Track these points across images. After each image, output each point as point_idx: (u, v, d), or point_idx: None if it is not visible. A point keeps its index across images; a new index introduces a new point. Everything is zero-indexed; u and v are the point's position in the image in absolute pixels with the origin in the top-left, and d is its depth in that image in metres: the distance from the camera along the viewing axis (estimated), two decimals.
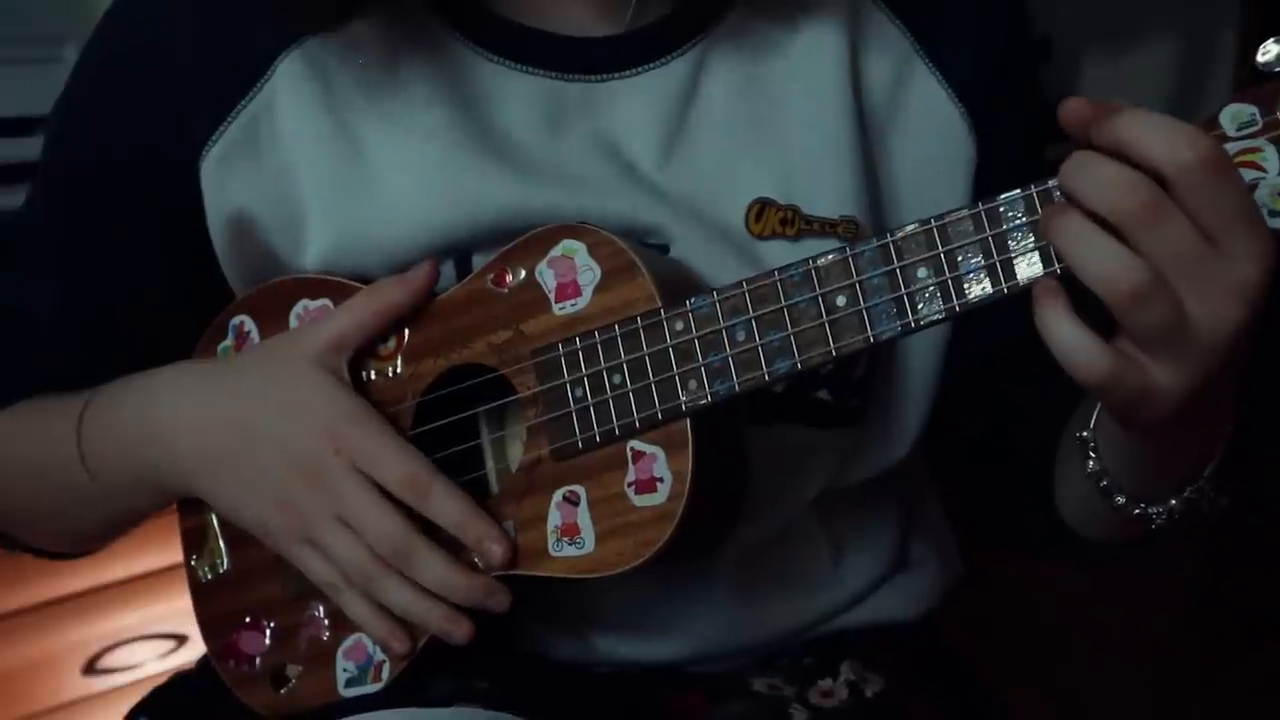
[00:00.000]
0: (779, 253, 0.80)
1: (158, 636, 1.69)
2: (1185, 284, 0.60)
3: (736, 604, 0.87)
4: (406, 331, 0.80)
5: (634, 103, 0.82)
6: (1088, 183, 0.61)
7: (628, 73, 0.82)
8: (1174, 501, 0.73)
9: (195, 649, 0.88)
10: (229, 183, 0.83)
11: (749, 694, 0.86)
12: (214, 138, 0.82)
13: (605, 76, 0.82)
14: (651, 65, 0.82)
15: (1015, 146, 0.86)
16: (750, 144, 0.82)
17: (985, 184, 0.85)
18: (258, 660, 0.84)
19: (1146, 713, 2.21)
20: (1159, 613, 2.52)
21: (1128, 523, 0.75)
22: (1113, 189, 0.60)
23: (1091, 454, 0.74)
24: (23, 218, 0.91)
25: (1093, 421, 0.74)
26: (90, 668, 1.65)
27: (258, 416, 0.79)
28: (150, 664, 1.68)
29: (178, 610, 0.89)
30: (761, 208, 0.81)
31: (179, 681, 0.93)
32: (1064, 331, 0.62)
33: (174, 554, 0.88)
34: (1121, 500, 0.74)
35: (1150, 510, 0.74)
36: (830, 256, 0.69)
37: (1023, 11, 0.89)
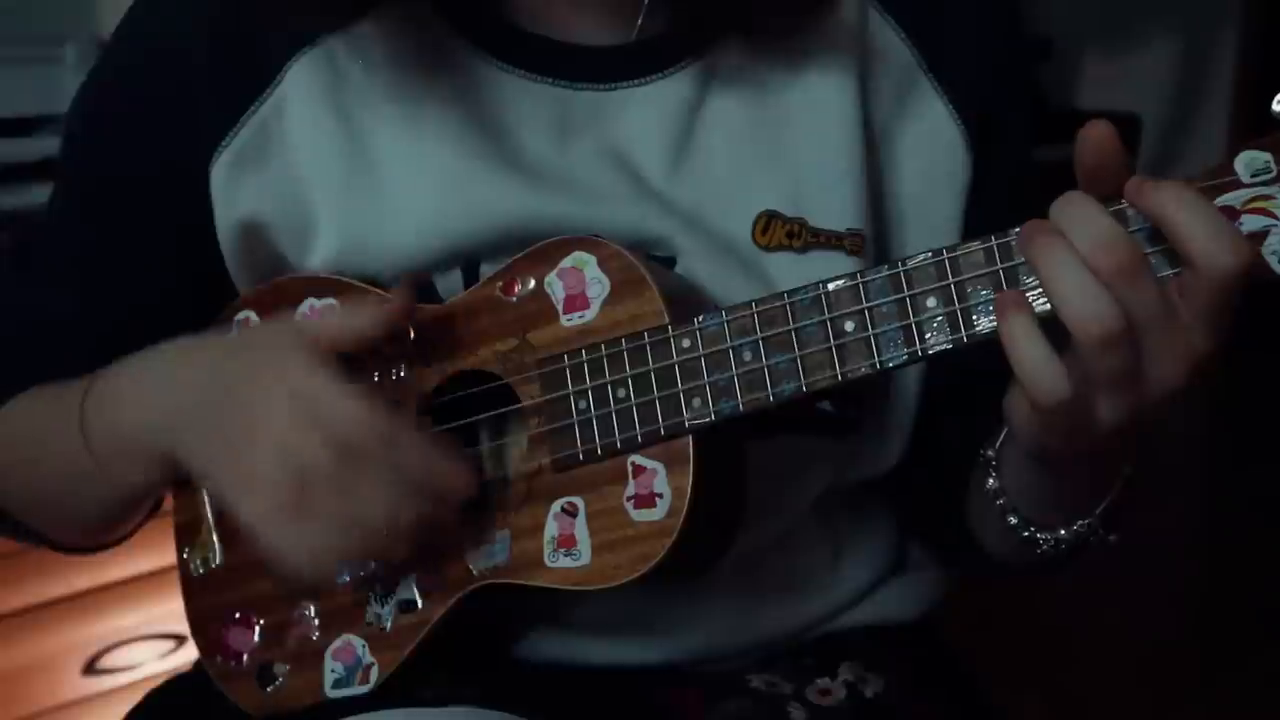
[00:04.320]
0: (786, 265, 0.80)
1: (158, 636, 1.69)
2: (1146, 341, 0.62)
3: (736, 607, 0.87)
4: (412, 335, 0.80)
5: (642, 112, 0.82)
6: (1077, 228, 0.62)
7: (636, 82, 0.82)
8: (1063, 531, 0.76)
9: (195, 649, 0.87)
10: (239, 187, 0.83)
11: (747, 691, 0.86)
12: (225, 142, 0.82)
13: (613, 85, 0.82)
14: (660, 75, 0.82)
15: (1009, 166, 0.86)
16: (758, 155, 0.82)
17: (977, 203, 0.85)
18: (245, 657, 0.84)
19: (1146, 714, 2.21)
20: (1159, 615, 2.53)
21: (1019, 545, 0.77)
22: (1103, 243, 0.61)
23: (992, 472, 0.76)
24: (44, 219, 0.91)
25: (998, 442, 0.76)
26: (90, 668, 1.65)
27: (226, 368, 0.78)
28: (150, 664, 1.68)
29: (178, 610, 0.88)
30: (768, 220, 0.81)
31: (175, 685, 0.93)
32: (1031, 347, 0.63)
33: (174, 554, 0.88)
34: (1014, 521, 0.76)
35: (1039, 536, 0.76)
36: (840, 282, 0.69)
37: (1018, 25, 0.89)
